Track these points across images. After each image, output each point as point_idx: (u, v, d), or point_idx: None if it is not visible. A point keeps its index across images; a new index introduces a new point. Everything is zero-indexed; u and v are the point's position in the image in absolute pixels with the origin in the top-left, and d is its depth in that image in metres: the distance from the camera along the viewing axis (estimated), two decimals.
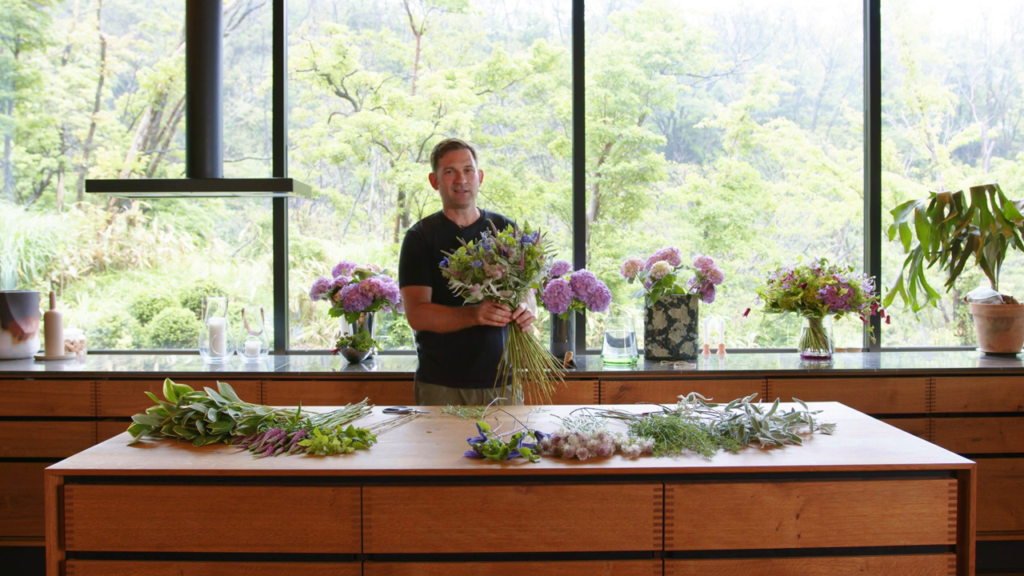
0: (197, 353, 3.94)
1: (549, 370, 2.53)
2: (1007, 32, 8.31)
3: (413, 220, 7.72)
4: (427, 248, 2.81)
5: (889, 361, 3.51)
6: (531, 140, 7.70)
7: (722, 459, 1.86)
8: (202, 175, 3.56)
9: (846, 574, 1.81)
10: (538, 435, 1.94)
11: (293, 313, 7.01)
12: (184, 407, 2.06)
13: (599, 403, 3.15)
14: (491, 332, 2.83)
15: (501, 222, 2.86)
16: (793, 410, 2.21)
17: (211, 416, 2.03)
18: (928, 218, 3.54)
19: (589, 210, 7.54)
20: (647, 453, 1.89)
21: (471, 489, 1.78)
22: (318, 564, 1.79)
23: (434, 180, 2.90)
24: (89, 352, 3.90)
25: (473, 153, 2.86)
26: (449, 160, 2.81)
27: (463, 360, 2.81)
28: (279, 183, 3.47)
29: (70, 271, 7.08)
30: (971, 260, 3.57)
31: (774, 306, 3.48)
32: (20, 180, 7.27)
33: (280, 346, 3.89)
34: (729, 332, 6.58)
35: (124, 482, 1.80)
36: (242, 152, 7.88)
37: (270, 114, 3.98)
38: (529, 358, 2.50)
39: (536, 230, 2.45)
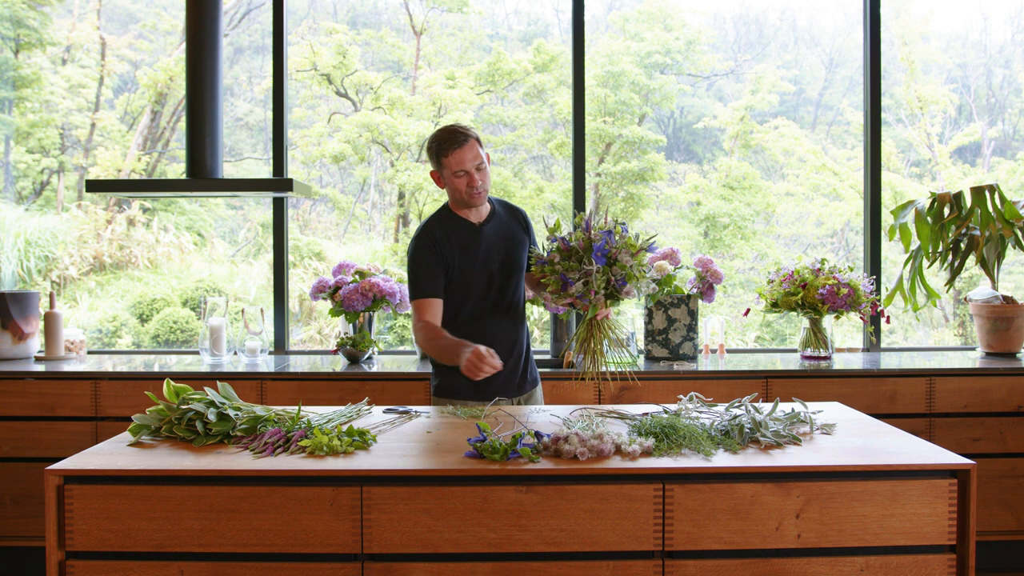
0: (197, 353, 3.94)
1: (606, 362, 2.37)
2: (1007, 32, 8.31)
3: (413, 220, 7.71)
4: (440, 255, 2.50)
5: (889, 361, 3.51)
6: (531, 140, 7.70)
7: (722, 459, 1.86)
8: (202, 175, 3.56)
9: (846, 574, 1.81)
10: (538, 435, 1.94)
11: (293, 313, 7.01)
12: (184, 407, 2.06)
13: (599, 403, 3.15)
14: (512, 337, 2.62)
15: (513, 210, 2.68)
16: (793, 410, 2.21)
17: (211, 416, 2.03)
18: (928, 218, 3.54)
19: (589, 210, 7.54)
20: (647, 453, 1.89)
21: (471, 489, 1.78)
22: (318, 564, 1.79)
23: (437, 178, 2.52)
24: (89, 352, 3.90)
25: (479, 141, 2.46)
26: (458, 161, 2.42)
27: None
28: (279, 183, 3.47)
29: (70, 271, 7.08)
30: (971, 260, 3.57)
31: (774, 306, 3.48)
32: (20, 180, 7.27)
33: (280, 346, 3.89)
34: (729, 332, 6.58)
35: (124, 482, 1.79)
36: (242, 152, 7.88)
37: (270, 114, 3.98)
38: (594, 344, 2.34)
39: (612, 229, 2.28)
